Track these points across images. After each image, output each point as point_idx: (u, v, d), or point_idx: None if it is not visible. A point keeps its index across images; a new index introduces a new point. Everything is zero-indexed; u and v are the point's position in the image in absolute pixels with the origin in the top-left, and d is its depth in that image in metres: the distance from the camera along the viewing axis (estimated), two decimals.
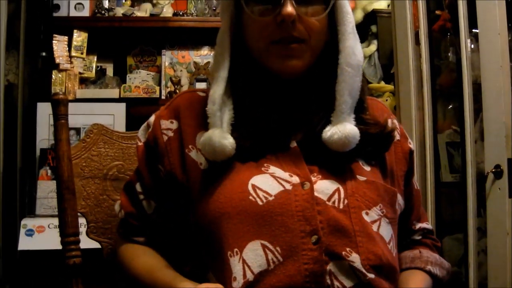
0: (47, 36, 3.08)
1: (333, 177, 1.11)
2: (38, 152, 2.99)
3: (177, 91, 3.20)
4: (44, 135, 2.98)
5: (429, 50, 2.97)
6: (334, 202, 1.07)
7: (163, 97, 3.20)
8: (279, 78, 1.15)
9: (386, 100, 3.88)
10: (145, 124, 1.27)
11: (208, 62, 3.25)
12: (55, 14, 3.16)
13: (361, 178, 1.13)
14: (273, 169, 1.09)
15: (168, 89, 3.23)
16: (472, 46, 2.60)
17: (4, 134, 3.31)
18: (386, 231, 1.12)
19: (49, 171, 2.94)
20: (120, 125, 2.98)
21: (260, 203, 1.05)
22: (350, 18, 1.14)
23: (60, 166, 1.39)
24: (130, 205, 1.25)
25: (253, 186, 1.07)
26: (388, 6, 4.12)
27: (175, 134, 1.19)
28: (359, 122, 1.14)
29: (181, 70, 3.25)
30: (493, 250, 2.24)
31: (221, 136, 1.09)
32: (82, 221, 1.42)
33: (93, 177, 1.47)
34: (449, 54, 3.04)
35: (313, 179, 1.09)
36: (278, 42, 1.10)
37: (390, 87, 3.91)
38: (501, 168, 2.20)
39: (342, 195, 1.08)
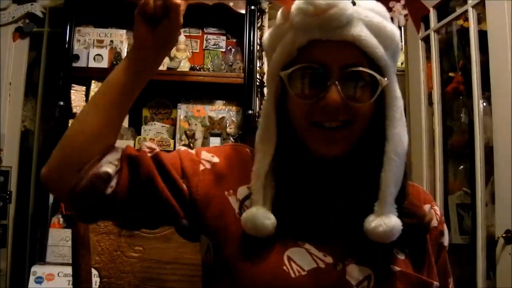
0: (65, 86, 3.12)
1: (366, 262, 1.08)
2: (51, 200, 2.99)
3: (191, 144, 3.21)
4: None
5: (441, 111, 3.01)
6: None
7: None
8: (320, 158, 1.12)
9: None
10: (186, 147, 1.25)
11: (223, 117, 3.29)
12: (74, 64, 3.21)
13: (394, 268, 1.10)
14: (308, 246, 1.08)
15: (182, 142, 3.24)
16: (484, 104, 2.62)
17: (18, 180, 3.36)
18: None
19: (61, 219, 2.95)
20: None
21: (293, 275, 1.04)
22: (399, 103, 1.10)
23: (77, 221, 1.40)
24: (133, 152, 1.13)
25: (288, 258, 1.06)
26: (402, 64, 4.16)
27: (212, 167, 1.17)
28: (398, 211, 1.09)
29: (195, 124, 3.27)
30: None
31: (264, 216, 1.07)
32: (94, 272, 1.43)
33: (108, 233, 1.48)
34: (461, 115, 3.07)
35: (346, 262, 1.08)
36: (320, 125, 1.07)
37: None
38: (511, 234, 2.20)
39: (372, 284, 1.07)
